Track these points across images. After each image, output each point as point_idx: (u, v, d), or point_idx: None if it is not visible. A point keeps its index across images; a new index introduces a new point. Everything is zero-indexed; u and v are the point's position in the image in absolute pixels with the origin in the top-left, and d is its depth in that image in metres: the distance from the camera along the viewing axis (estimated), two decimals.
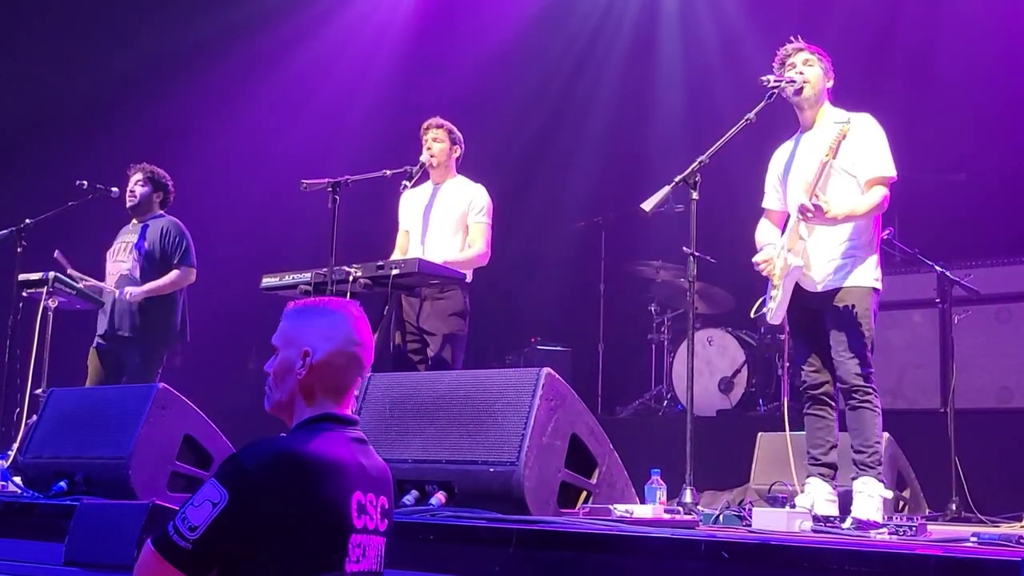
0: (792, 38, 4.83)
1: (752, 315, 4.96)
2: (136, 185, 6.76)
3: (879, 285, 4.62)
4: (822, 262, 4.59)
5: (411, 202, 6.19)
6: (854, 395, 4.48)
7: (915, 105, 7.91)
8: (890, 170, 4.57)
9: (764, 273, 4.72)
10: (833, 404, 4.65)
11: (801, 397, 4.77)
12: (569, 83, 10.30)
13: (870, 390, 4.48)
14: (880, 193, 4.53)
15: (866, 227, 4.62)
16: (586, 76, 10.22)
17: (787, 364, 6.63)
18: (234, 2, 9.73)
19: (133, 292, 6.46)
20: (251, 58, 9.79)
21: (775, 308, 4.66)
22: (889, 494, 4.51)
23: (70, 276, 6.30)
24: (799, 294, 4.63)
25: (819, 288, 4.60)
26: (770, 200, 4.93)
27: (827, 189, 4.56)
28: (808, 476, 4.64)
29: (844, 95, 4.87)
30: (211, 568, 2.30)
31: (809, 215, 4.43)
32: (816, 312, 4.63)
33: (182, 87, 9.66)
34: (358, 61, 10.28)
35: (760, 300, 4.84)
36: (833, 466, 4.62)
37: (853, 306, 4.51)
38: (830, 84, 4.79)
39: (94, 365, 6.59)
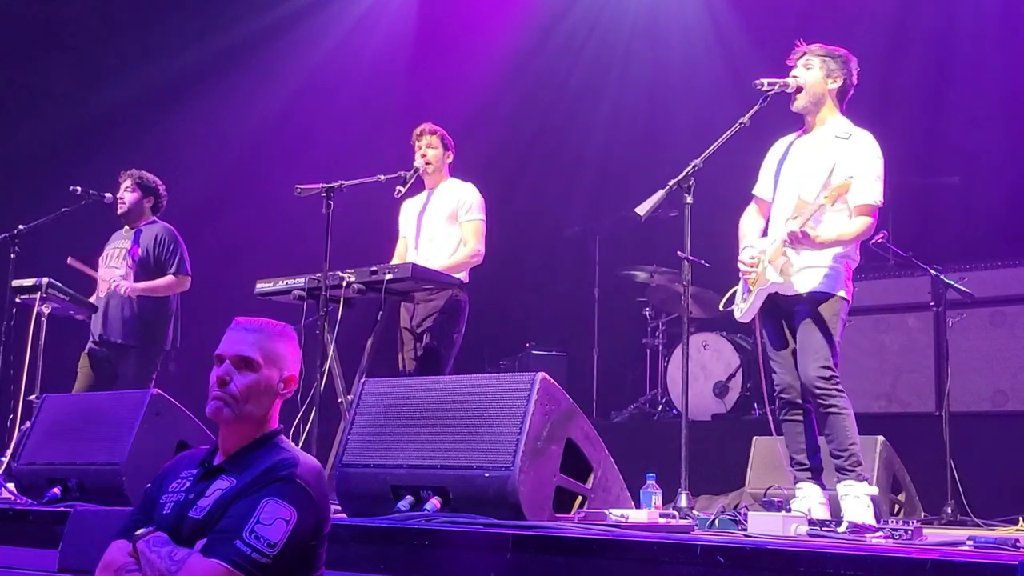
0: (796, 42, 4.76)
1: (720, 307, 4.91)
2: (125, 192, 6.74)
3: (847, 295, 4.54)
4: (794, 269, 4.56)
5: (408, 210, 6.21)
6: (819, 400, 4.43)
7: (909, 108, 7.92)
8: (877, 197, 4.50)
9: (744, 276, 4.69)
10: (808, 407, 4.60)
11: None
12: (564, 87, 10.30)
13: (833, 393, 4.42)
14: (865, 222, 4.49)
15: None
16: (582, 80, 10.22)
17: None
18: (232, 8, 9.73)
19: (130, 286, 6.43)
20: (248, 61, 9.78)
21: (746, 309, 4.67)
22: (875, 490, 4.47)
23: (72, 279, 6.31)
24: (771, 297, 4.62)
25: (788, 292, 4.57)
26: (761, 188, 4.85)
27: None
28: (798, 482, 4.61)
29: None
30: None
31: (798, 244, 4.42)
32: (785, 315, 4.62)
33: (178, 90, 9.64)
34: (355, 65, 10.27)
35: (731, 292, 4.79)
36: (819, 469, 4.60)
37: (819, 311, 4.47)
38: (835, 85, 4.64)
39: (84, 369, 6.56)
